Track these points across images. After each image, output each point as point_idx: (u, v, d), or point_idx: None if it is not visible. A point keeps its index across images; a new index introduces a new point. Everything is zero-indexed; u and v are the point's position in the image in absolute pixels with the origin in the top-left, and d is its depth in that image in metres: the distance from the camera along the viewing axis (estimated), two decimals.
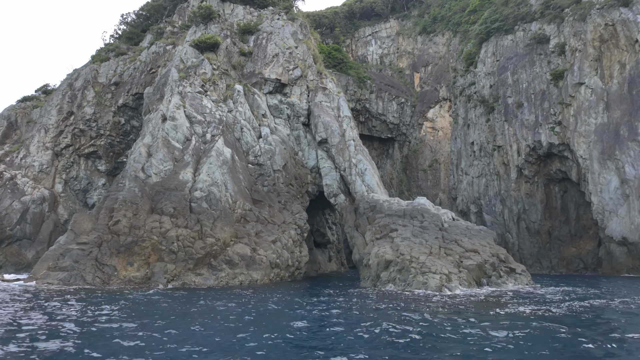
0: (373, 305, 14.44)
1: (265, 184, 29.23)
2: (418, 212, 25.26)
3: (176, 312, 12.32)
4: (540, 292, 18.34)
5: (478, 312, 12.40)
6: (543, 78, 51.78)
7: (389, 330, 10.02)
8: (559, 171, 51.51)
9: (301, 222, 28.29)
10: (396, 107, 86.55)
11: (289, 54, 35.48)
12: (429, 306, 13.68)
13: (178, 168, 25.63)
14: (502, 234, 57.51)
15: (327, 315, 12.33)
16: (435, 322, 11.04)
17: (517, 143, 55.26)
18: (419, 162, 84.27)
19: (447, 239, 22.29)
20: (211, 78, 32.16)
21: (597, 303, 14.68)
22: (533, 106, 52.56)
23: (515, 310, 12.79)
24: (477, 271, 19.21)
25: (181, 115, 27.84)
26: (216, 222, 23.47)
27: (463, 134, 67.50)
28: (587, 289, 20.76)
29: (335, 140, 33.11)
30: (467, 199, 64.44)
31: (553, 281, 30.51)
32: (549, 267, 52.21)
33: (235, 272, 22.22)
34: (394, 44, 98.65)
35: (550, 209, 53.96)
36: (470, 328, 9.95)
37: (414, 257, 19.20)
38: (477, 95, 64.44)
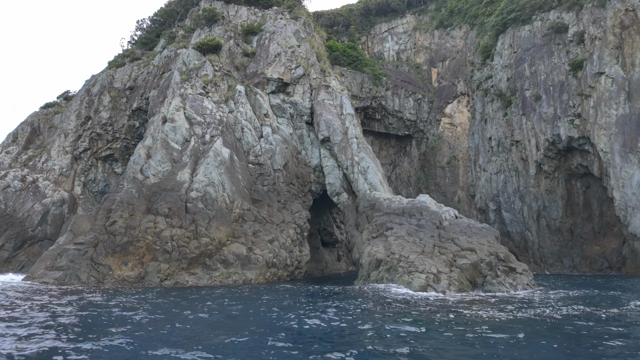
0: (340, 306, 14.11)
1: (265, 183, 29.26)
2: (417, 210, 24.63)
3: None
4: (533, 295, 17.46)
5: (431, 316, 11.85)
6: (562, 69, 49.62)
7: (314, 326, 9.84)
8: (580, 166, 49.25)
9: (301, 221, 28.15)
10: (413, 103, 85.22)
11: (290, 53, 35.38)
12: (392, 307, 13.27)
13: (176, 169, 26.01)
14: (521, 232, 55.58)
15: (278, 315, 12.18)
16: (369, 322, 10.70)
17: (536, 137, 53.25)
18: (437, 159, 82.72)
19: (444, 237, 21.60)
20: (213, 79, 32.47)
21: (596, 311, 13.73)
22: (552, 98, 50.46)
23: (476, 314, 12.12)
24: (471, 271, 18.51)
25: (180, 117, 28.23)
26: (211, 221, 23.65)
27: (480, 129, 65.69)
28: (599, 291, 19.63)
29: (337, 138, 32.77)
30: (486, 196, 62.67)
31: (567, 282, 29.13)
32: (570, 267, 50.03)
33: (230, 271, 22.32)
34: (410, 39, 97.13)
35: (572, 205, 51.66)
36: (392, 332, 9.46)
37: (404, 256, 18.68)
38: (494, 89, 62.55)
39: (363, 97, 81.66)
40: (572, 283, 25.08)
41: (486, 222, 61.55)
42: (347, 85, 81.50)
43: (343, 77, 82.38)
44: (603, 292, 19.09)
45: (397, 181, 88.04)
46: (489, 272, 18.74)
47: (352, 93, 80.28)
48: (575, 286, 22.33)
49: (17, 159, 51.05)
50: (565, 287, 21.77)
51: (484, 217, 62.74)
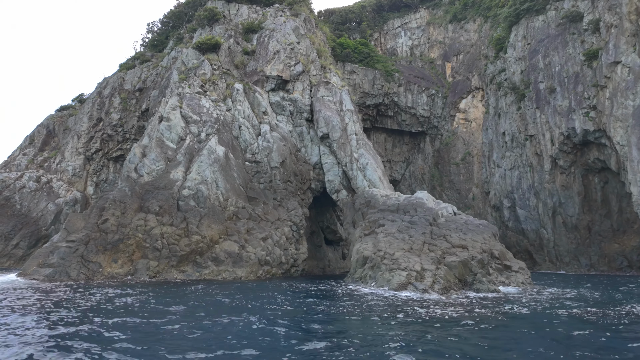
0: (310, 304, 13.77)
1: (261, 181, 29.15)
2: (412, 207, 24.00)
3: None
4: (522, 294, 16.63)
5: (383, 314, 11.34)
6: (577, 59, 47.64)
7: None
8: (598, 160, 47.18)
9: (297, 219, 27.90)
10: (426, 99, 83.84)
11: (290, 49, 35.15)
12: (346, 306, 12.85)
13: (170, 167, 26.20)
14: (536, 230, 53.78)
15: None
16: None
17: (550, 131, 51.37)
18: (451, 155, 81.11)
19: (436, 234, 20.93)
20: (211, 78, 32.59)
21: (580, 314, 12.88)
22: (566, 91, 48.53)
23: (437, 314, 11.49)
24: (461, 268, 17.82)
25: (176, 116, 28.43)
26: (203, 219, 23.69)
27: (494, 124, 63.94)
28: (602, 292, 18.55)
29: (336, 135, 32.35)
30: (500, 192, 60.98)
31: (575, 281, 27.86)
32: (587, 265, 48.06)
33: (220, 269, 22.29)
34: (424, 34, 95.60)
35: (590, 201, 49.58)
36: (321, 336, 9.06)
37: (388, 254, 18.16)
38: (507, 83, 60.74)
39: (375, 94, 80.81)
40: (579, 283, 23.92)
41: (500, 219, 59.89)
42: (359, 82, 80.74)
43: (354, 74, 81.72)
44: (606, 293, 18.06)
45: (410, 179, 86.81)
46: (479, 270, 18.01)
47: (363, 90, 79.51)
48: (578, 286, 21.25)
49: (33, 160, 52.75)
50: (566, 287, 20.74)
51: (498, 215, 61.09)
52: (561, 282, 25.39)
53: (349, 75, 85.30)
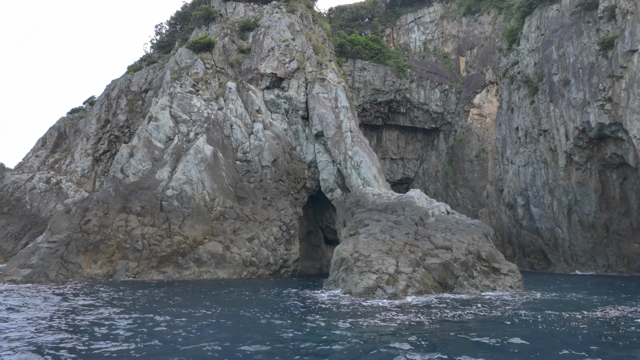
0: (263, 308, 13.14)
1: (251, 180, 28.71)
2: (401, 206, 23.05)
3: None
4: (502, 298, 15.50)
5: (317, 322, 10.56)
6: (591, 49, 45.20)
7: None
8: (615, 155, 44.67)
9: (287, 219, 27.33)
10: (439, 94, 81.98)
11: (284, 46, 34.56)
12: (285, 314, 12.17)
13: (156, 167, 26.08)
14: (551, 229, 51.49)
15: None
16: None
17: (565, 126, 49.01)
18: (465, 152, 78.98)
19: (421, 234, 19.94)
20: (203, 77, 32.37)
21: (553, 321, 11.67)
22: (581, 82, 46.14)
23: (386, 322, 10.62)
24: (441, 271, 16.83)
25: (165, 116, 28.32)
26: (186, 220, 23.42)
27: (507, 119, 61.70)
28: (602, 295, 17.19)
29: (330, 132, 31.59)
30: (514, 190, 58.78)
31: (580, 283, 26.26)
32: (605, 266, 45.63)
33: (201, 270, 21.96)
34: (438, 28, 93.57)
35: (607, 199, 47.03)
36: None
37: (363, 255, 17.34)
38: (520, 76, 58.44)
39: (386, 91, 79.50)
40: (584, 285, 22.40)
41: (514, 218, 57.78)
42: (369, 79, 79.56)
43: (365, 70, 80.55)
44: (605, 297, 16.69)
45: (424, 177, 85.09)
46: (462, 272, 16.98)
47: (374, 87, 78.30)
48: (579, 289, 19.82)
49: (44, 162, 54.10)
50: (565, 290, 19.38)
51: (512, 213, 58.96)
52: (566, 284, 23.92)
53: (360, 72, 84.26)
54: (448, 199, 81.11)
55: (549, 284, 22.81)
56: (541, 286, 20.91)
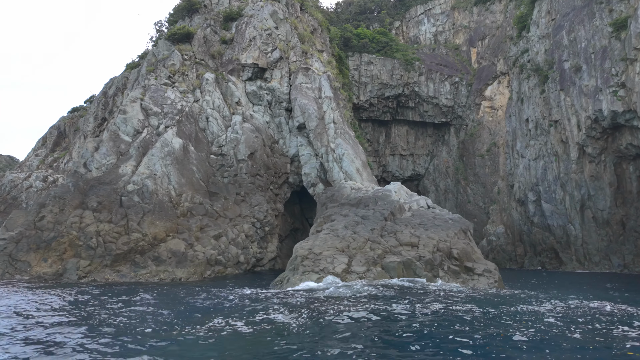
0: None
1: (225, 175, 27.37)
2: (373, 200, 21.22)
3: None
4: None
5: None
6: (604, 32, 41.93)
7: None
8: (631, 146, 41.33)
9: (260, 215, 25.85)
10: (449, 87, 79.15)
11: (266, 35, 33.05)
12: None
13: (120, 162, 25.05)
14: (563, 226, 48.33)
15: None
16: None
17: (576, 115, 45.80)
18: (476, 146, 75.91)
19: (388, 230, 18.10)
20: (180, 69, 31.26)
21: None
22: (593, 68, 42.90)
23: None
24: (401, 270, 14.99)
25: (134, 108, 27.29)
26: (146, 216, 22.26)
27: (517, 111, 58.56)
28: (584, 300, 15.01)
29: (312, 124, 29.91)
30: (524, 185, 55.67)
31: (578, 284, 23.78)
32: (620, 265, 42.35)
33: (159, 269, 20.75)
34: (449, 19, 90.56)
35: (623, 193, 43.67)
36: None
37: (314, 253, 15.66)
38: (530, 64, 55.28)
39: (394, 85, 77.23)
40: (579, 288, 20.04)
41: (526, 215, 54.72)
42: (376, 73, 77.36)
43: (371, 64, 78.36)
44: (590, 301, 14.51)
45: (434, 173, 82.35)
46: (426, 272, 15.09)
47: (381, 81, 76.08)
48: (572, 292, 17.53)
49: (44, 160, 54.40)
50: (544, 290, 17.15)
51: (523, 210, 55.89)
52: (556, 283, 21.56)
53: (366, 66, 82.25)
54: (459, 196, 78.15)
55: (543, 284, 20.52)
56: (528, 286, 18.71)
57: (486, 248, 63.01)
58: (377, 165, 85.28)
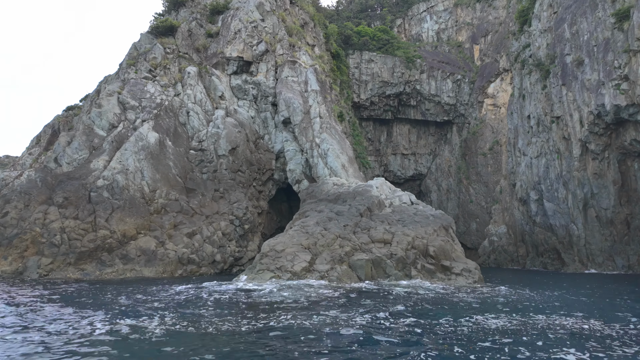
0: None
1: (204, 170, 26.38)
2: (352, 195, 20.07)
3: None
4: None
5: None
6: (607, 23, 40.28)
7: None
8: (635, 142, 39.61)
9: (239, 212, 24.81)
10: (451, 85, 77.64)
11: (252, 28, 32.07)
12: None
13: (93, 156, 24.23)
14: (566, 225, 46.62)
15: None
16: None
17: (579, 111, 44.15)
18: (479, 145, 74.28)
19: (362, 226, 16.94)
20: (162, 62, 30.42)
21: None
22: (595, 61, 41.26)
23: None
24: (369, 268, 13.84)
25: (110, 102, 26.46)
26: (115, 212, 21.35)
27: (519, 107, 56.94)
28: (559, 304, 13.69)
29: (297, 118, 28.83)
30: (526, 184, 54.00)
31: (572, 287, 22.37)
32: (625, 266, 40.62)
33: (126, 267, 19.80)
34: (451, 16, 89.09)
35: (628, 191, 41.93)
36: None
37: (276, 251, 14.56)
38: (532, 59, 53.65)
39: (395, 83, 75.97)
40: (565, 297, 18.65)
41: (528, 214, 53.05)
42: (377, 71, 76.12)
43: (372, 62, 77.12)
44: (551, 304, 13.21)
45: (437, 172, 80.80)
46: (397, 270, 13.91)
47: (382, 79, 74.84)
48: (559, 297, 16.19)
49: (37, 159, 53.94)
50: (518, 290, 15.83)
51: (525, 209, 54.22)
52: (550, 284, 20.19)
53: (367, 64, 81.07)
54: (461, 195, 76.66)
55: (531, 285, 19.15)
56: (514, 288, 17.37)
57: (488, 248, 61.35)
58: (378, 164, 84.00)
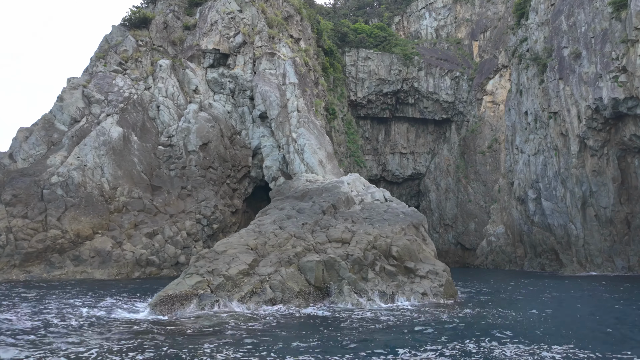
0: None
1: (172, 167, 25.10)
2: (320, 192, 18.66)
3: None
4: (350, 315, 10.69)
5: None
6: (604, 13, 38.52)
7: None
8: (635, 137, 37.80)
9: (207, 211, 23.48)
10: (450, 82, 76.04)
11: (229, 19, 30.76)
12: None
13: (51, 152, 23.03)
14: (564, 225, 44.80)
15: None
16: None
17: (576, 105, 42.37)
18: (477, 143, 72.57)
19: (322, 224, 15.53)
20: (133, 55, 29.21)
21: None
22: (593, 54, 39.49)
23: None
24: (320, 271, 12.41)
25: (74, 96, 25.28)
26: (69, 211, 20.11)
27: (517, 104, 55.18)
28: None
29: (274, 112, 27.45)
30: (524, 182, 52.20)
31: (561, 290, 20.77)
32: (625, 268, 38.77)
33: (76, 269, 18.54)
34: (450, 13, 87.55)
35: (628, 189, 40.09)
36: None
37: (217, 252, 13.13)
38: (529, 53, 51.91)
39: (392, 80, 74.52)
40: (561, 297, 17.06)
41: (526, 214, 51.25)
42: (374, 69, 74.72)
43: (369, 60, 75.67)
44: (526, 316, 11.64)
45: (435, 171, 79.13)
46: (350, 273, 12.46)
47: (379, 77, 73.43)
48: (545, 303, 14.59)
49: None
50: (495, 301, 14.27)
51: (523, 208, 52.42)
52: (534, 291, 18.60)
53: (364, 62, 79.72)
54: (459, 195, 74.94)
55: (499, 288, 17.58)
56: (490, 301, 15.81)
57: (486, 249, 59.59)
58: (376, 164, 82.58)
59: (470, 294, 16.03)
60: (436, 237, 75.44)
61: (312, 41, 43.24)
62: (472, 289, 18.41)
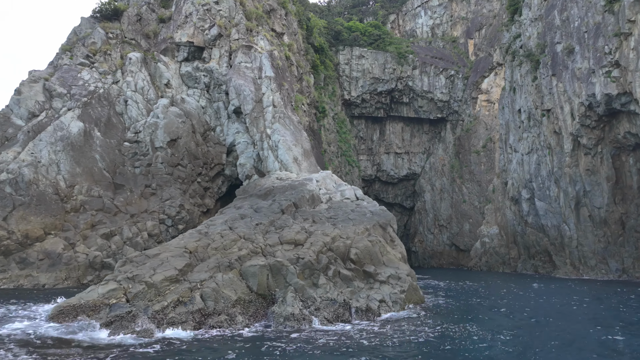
0: None
1: (137, 164, 23.83)
2: (283, 190, 17.37)
3: None
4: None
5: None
6: (597, 7, 37.18)
7: None
8: (629, 134, 36.43)
9: (172, 211, 22.19)
10: (445, 81, 74.84)
11: (204, 11, 29.53)
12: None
13: (3, 148, 21.78)
14: (557, 225, 43.43)
15: None
16: None
17: (570, 103, 41.06)
18: (472, 143, 71.33)
19: (277, 225, 14.26)
20: (102, 48, 27.99)
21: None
22: (586, 49, 38.16)
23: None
24: (264, 277, 11.12)
25: (33, 89, 24.06)
26: (17, 210, 18.86)
27: (510, 102, 53.86)
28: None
29: (248, 107, 26.17)
30: (518, 182, 50.87)
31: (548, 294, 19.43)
32: (619, 270, 37.36)
33: (21, 273, 17.27)
34: (446, 11, 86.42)
35: (623, 188, 38.69)
36: None
37: (148, 255, 11.83)
38: (523, 50, 50.61)
39: (386, 79, 73.37)
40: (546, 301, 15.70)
41: (520, 214, 49.88)
42: (368, 67, 73.56)
43: (362, 58, 74.42)
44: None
45: (431, 172, 77.83)
46: (297, 279, 11.16)
47: (373, 76, 72.27)
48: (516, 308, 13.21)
49: None
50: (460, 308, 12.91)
51: (517, 209, 51.08)
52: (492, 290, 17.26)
53: (357, 60, 78.63)
54: (454, 195, 73.65)
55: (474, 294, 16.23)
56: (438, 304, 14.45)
57: (479, 250, 58.21)
58: (371, 164, 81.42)
59: (437, 302, 14.67)
60: (431, 239, 74.11)
61: (298, 37, 41.96)
62: (451, 293, 17.11)
